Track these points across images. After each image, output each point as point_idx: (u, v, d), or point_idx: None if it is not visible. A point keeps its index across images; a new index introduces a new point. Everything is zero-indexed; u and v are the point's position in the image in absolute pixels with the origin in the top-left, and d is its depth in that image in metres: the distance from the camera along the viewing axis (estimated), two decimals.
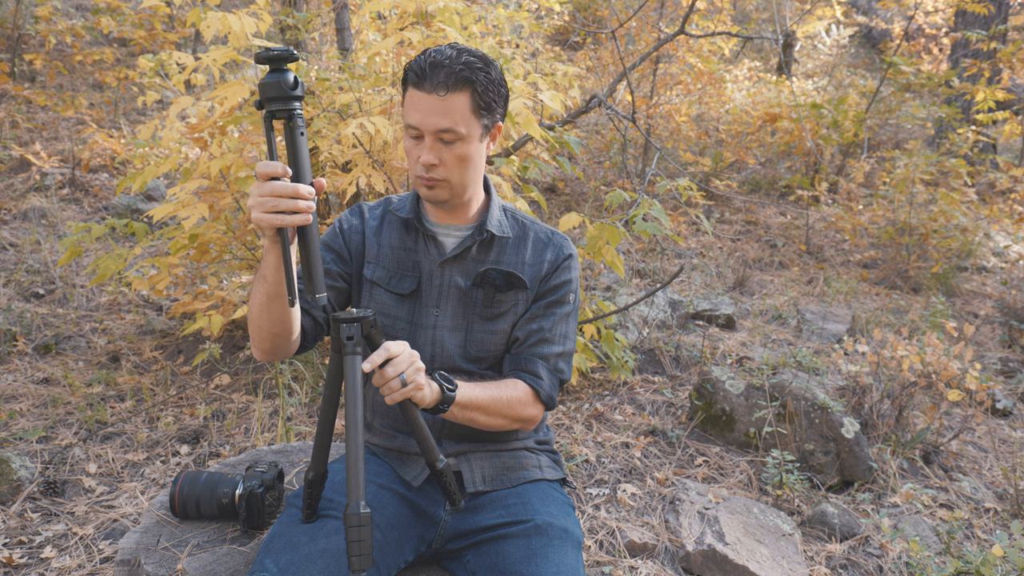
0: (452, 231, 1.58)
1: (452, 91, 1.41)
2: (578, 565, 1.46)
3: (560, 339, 1.59)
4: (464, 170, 1.49)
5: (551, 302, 1.58)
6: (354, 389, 1.23)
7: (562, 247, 1.61)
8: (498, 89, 1.48)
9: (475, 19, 3.41)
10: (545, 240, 1.61)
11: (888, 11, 11.11)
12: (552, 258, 1.59)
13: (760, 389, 2.95)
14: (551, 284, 1.58)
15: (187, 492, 1.64)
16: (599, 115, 7.23)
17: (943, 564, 2.24)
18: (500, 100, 1.50)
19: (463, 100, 1.42)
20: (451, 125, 1.42)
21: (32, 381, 3.16)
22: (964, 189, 5.99)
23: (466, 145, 1.46)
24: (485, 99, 1.45)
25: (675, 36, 4.52)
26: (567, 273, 1.60)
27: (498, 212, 1.61)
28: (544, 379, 1.55)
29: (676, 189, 3.38)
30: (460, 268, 1.56)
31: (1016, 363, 4.21)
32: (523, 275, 1.57)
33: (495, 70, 1.47)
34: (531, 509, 1.51)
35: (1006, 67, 7.43)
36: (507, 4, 6.83)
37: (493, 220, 1.58)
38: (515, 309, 1.58)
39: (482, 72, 1.43)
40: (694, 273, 5.29)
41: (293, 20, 3.74)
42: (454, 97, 1.41)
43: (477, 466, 1.59)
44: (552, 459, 1.71)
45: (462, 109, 1.42)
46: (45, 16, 6.54)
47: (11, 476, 2.44)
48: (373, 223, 1.63)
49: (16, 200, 5.03)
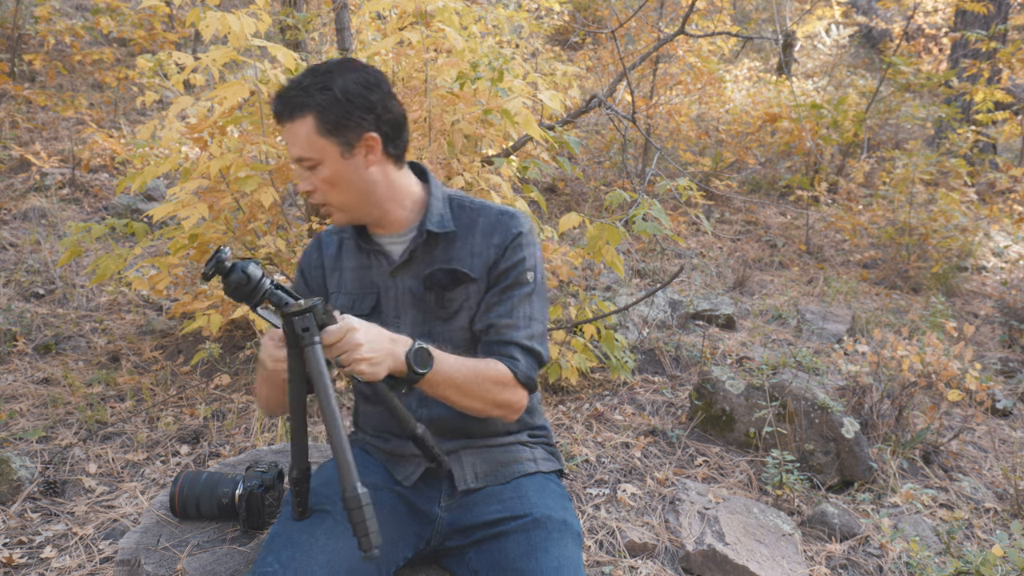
0: (396, 239, 1.55)
1: (293, 119, 1.40)
2: (578, 557, 1.46)
3: (525, 321, 1.52)
4: (341, 191, 1.45)
5: (506, 286, 1.51)
6: (322, 379, 1.22)
7: (510, 227, 1.53)
8: (348, 103, 1.41)
9: (475, 19, 3.41)
10: (494, 224, 1.54)
11: (888, 11, 11.11)
12: (500, 241, 1.52)
13: (760, 389, 2.95)
14: (502, 268, 1.51)
15: (187, 492, 1.64)
16: (599, 115, 7.23)
17: (943, 564, 2.24)
18: (356, 112, 1.42)
19: (306, 125, 1.40)
20: (301, 152, 1.41)
21: (32, 381, 3.15)
22: (964, 189, 5.99)
23: (327, 168, 1.42)
24: (330, 118, 1.40)
25: (675, 36, 4.52)
26: (519, 252, 1.52)
27: (440, 207, 1.54)
28: (520, 360, 1.50)
29: (676, 189, 3.38)
30: (411, 273, 1.54)
31: (1016, 363, 4.21)
32: (471, 267, 1.52)
33: (345, 84, 1.41)
34: (528, 503, 1.50)
35: (1006, 67, 7.43)
36: (507, 4, 6.83)
37: (433, 217, 1.52)
38: (467, 303, 1.53)
39: (321, 92, 1.39)
40: (694, 273, 5.29)
41: (293, 20, 3.74)
42: (297, 125, 1.40)
43: (468, 463, 1.57)
44: (548, 451, 1.69)
45: (307, 134, 1.40)
46: (44, 16, 6.54)
47: (11, 476, 2.44)
48: (331, 251, 1.63)
49: (16, 200, 5.03)
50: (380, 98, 1.45)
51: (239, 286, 1.26)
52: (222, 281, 1.26)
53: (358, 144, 1.43)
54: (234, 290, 1.27)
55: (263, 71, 2.92)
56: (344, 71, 1.43)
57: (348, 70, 1.43)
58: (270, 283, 1.29)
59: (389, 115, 1.46)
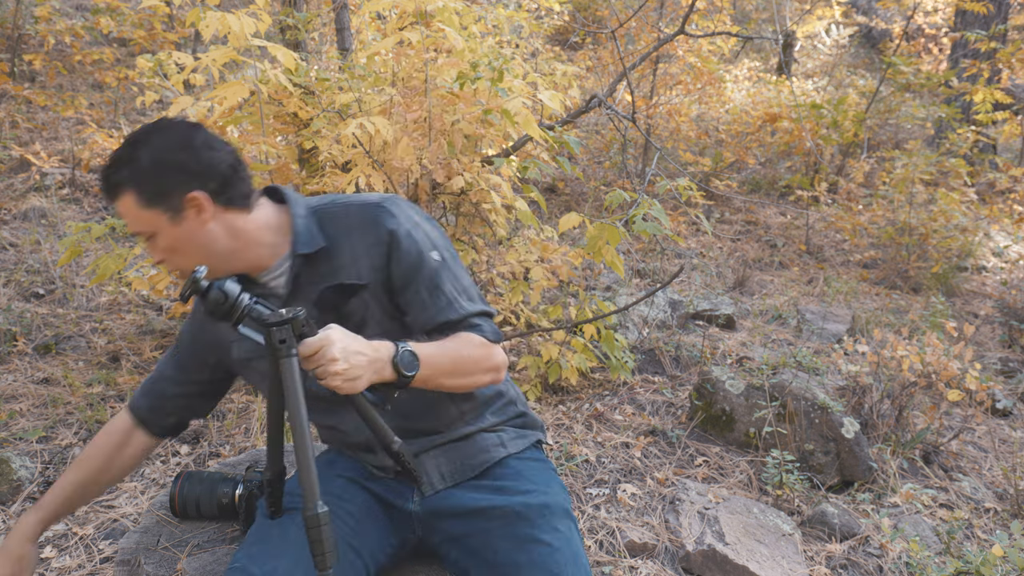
0: (273, 274, 1.48)
1: (114, 200, 1.38)
2: (571, 535, 1.45)
3: (459, 292, 1.48)
4: (187, 256, 1.41)
5: (423, 282, 1.45)
6: (295, 393, 1.21)
7: (379, 223, 1.44)
8: (161, 170, 1.36)
9: (475, 19, 3.41)
10: (363, 223, 1.45)
11: (888, 11, 11.11)
12: (375, 241, 1.43)
13: (760, 389, 2.95)
14: (403, 268, 1.44)
15: (187, 492, 1.64)
16: (599, 115, 7.22)
17: (943, 564, 2.24)
18: (171, 177, 1.37)
19: (127, 202, 1.37)
20: (133, 228, 1.39)
21: (32, 381, 3.15)
22: (964, 189, 5.99)
23: (162, 237, 1.39)
24: (147, 190, 1.36)
25: (675, 36, 4.52)
26: (405, 244, 1.44)
27: (305, 225, 1.46)
28: (480, 324, 1.47)
29: (676, 189, 3.38)
30: (303, 299, 1.46)
31: (1016, 363, 4.21)
32: (357, 275, 1.44)
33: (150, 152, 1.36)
34: (504, 494, 1.49)
35: (1005, 67, 7.43)
36: (507, 4, 6.83)
37: (301, 238, 1.45)
38: (369, 311, 1.46)
39: (128, 167, 1.36)
40: (694, 273, 5.29)
41: (293, 20, 3.74)
42: (120, 204, 1.38)
43: (432, 465, 1.53)
44: (517, 429, 1.63)
45: (132, 211, 1.37)
46: (44, 16, 6.54)
47: (11, 476, 2.44)
48: None
49: (16, 200, 5.03)
50: (193, 155, 1.38)
51: (217, 305, 1.25)
52: (201, 302, 1.24)
53: (184, 207, 1.37)
54: (213, 309, 1.25)
55: (263, 71, 2.91)
56: (150, 137, 1.38)
57: (155, 135, 1.39)
58: (249, 298, 1.27)
59: (210, 168, 1.39)
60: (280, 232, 1.47)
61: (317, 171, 3.26)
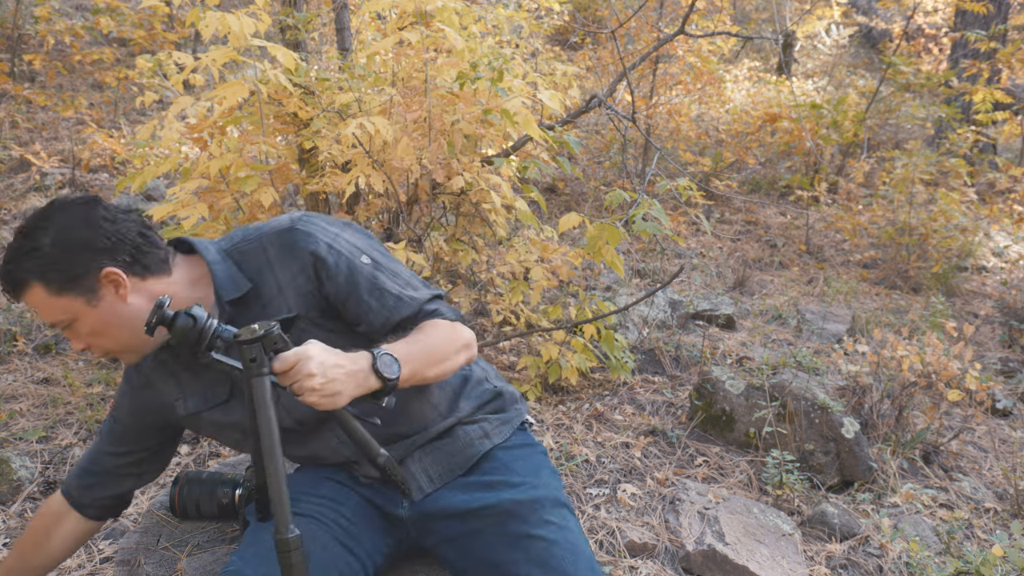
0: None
1: (22, 295, 1.32)
2: (567, 525, 1.43)
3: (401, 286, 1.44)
4: (110, 336, 1.36)
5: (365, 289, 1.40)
6: (266, 412, 1.18)
7: (296, 246, 1.39)
8: (67, 255, 1.30)
9: (475, 19, 3.41)
10: (280, 250, 1.40)
11: (888, 11, 11.11)
12: (299, 268, 1.39)
13: (760, 389, 2.95)
14: (339, 284, 1.39)
15: (187, 492, 1.64)
16: (599, 115, 7.22)
17: (943, 564, 2.24)
18: (80, 259, 1.30)
19: (37, 294, 1.31)
20: (50, 320, 1.33)
21: (32, 381, 3.15)
22: (964, 189, 5.99)
23: (83, 323, 1.33)
24: (55, 278, 1.29)
25: (675, 36, 4.52)
26: (331, 260, 1.39)
27: (223, 271, 1.40)
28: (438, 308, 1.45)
29: (676, 189, 3.38)
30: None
31: (1016, 363, 4.21)
32: (286, 307, 1.39)
33: (51, 237, 1.29)
34: (493, 490, 1.46)
35: (1005, 67, 7.43)
36: (507, 4, 6.83)
37: (224, 285, 1.38)
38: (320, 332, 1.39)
39: (29, 258, 1.29)
40: (694, 273, 5.29)
41: (293, 20, 3.74)
42: (29, 298, 1.32)
43: (419, 468, 1.50)
44: (497, 415, 1.58)
45: (44, 302, 1.31)
46: (44, 16, 6.54)
47: (11, 476, 2.44)
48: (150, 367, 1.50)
49: (16, 200, 5.03)
50: (98, 231, 1.33)
51: (186, 332, 1.19)
52: (168, 331, 1.20)
53: (100, 286, 1.32)
54: (182, 337, 1.20)
55: (263, 71, 2.91)
56: (48, 222, 1.31)
57: (52, 217, 1.32)
58: (216, 322, 1.22)
59: (119, 241, 1.34)
60: (202, 284, 1.42)
61: (317, 171, 3.26)
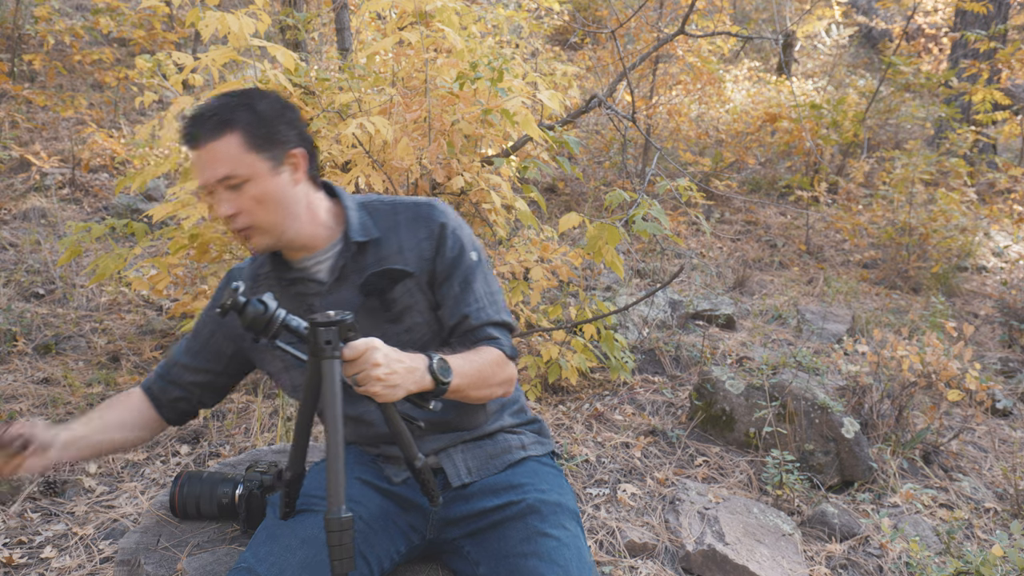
0: (319, 258, 1.52)
1: (217, 138, 1.37)
2: (578, 533, 1.48)
3: (488, 298, 1.54)
4: (269, 210, 1.42)
5: (458, 277, 1.52)
6: (333, 394, 1.22)
7: (432, 218, 1.52)
8: (274, 120, 1.41)
9: (474, 19, 3.41)
10: (414, 217, 1.53)
11: (888, 11, 11.11)
12: (428, 234, 1.51)
13: (760, 389, 2.95)
14: (447, 261, 1.51)
15: (187, 492, 1.64)
16: (599, 115, 7.22)
17: (943, 564, 2.24)
18: (281, 129, 1.42)
19: (232, 142, 1.38)
20: (228, 171, 1.38)
21: (32, 381, 3.15)
22: (964, 189, 6.00)
23: (256, 185, 1.40)
24: (258, 134, 1.39)
25: (675, 36, 4.52)
26: (451, 239, 1.52)
27: (357, 216, 1.52)
28: (499, 337, 1.53)
29: (676, 189, 3.38)
30: (346, 287, 1.51)
31: (1016, 363, 4.21)
32: (405, 263, 1.50)
33: (265, 103, 1.42)
34: (522, 490, 1.51)
35: (1005, 67, 7.43)
36: (507, 4, 6.83)
37: (354, 228, 1.50)
38: (413, 299, 1.51)
39: (244, 110, 1.39)
40: (694, 273, 5.29)
41: (293, 20, 3.74)
42: (221, 143, 1.37)
43: (460, 459, 1.58)
44: (535, 434, 1.68)
45: (234, 151, 1.38)
46: (44, 16, 6.54)
47: None
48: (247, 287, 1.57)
49: (16, 200, 5.03)
50: (298, 117, 1.46)
51: (256, 318, 1.24)
52: (239, 316, 1.24)
53: (285, 160, 1.42)
54: (252, 322, 1.25)
55: (263, 71, 2.91)
56: (259, 94, 1.43)
57: (262, 93, 1.44)
58: (284, 312, 1.27)
59: (307, 135, 1.48)
60: (333, 220, 1.52)
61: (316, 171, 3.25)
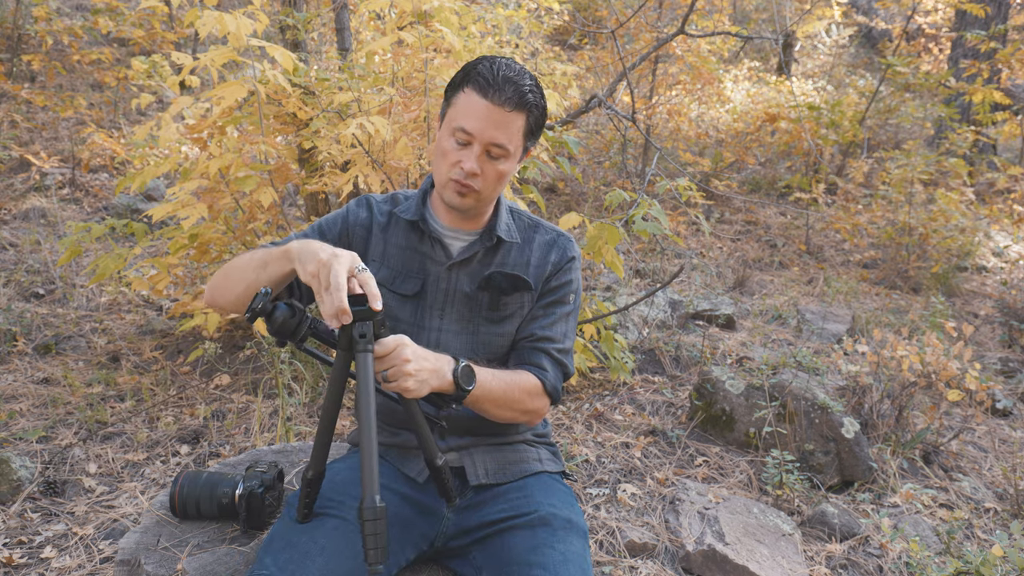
0: (460, 235, 1.60)
1: (515, 110, 1.46)
2: (584, 553, 1.48)
3: (561, 336, 1.62)
4: (499, 186, 1.53)
5: (552, 301, 1.61)
6: (367, 387, 1.24)
7: (566, 249, 1.64)
8: (544, 116, 1.54)
9: (474, 19, 3.41)
10: (551, 241, 1.64)
11: (888, 11, 11.11)
12: (556, 259, 1.62)
13: (760, 389, 2.95)
14: (552, 285, 1.61)
15: (187, 492, 1.64)
16: (599, 115, 7.22)
17: (943, 564, 2.24)
18: (541, 128, 1.56)
19: (520, 121, 1.47)
20: (505, 142, 1.47)
21: (32, 381, 3.15)
22: (963, 189, 6.00)
23: (508, 163, 1.51)
24: (536, 125, 1.51)
25: (674, 36, 4.52)
26: (569, 274, 1.63)
27: (506, 216, 1.63)
28: (549, 371, 1.58)
29: (676, 189, 3.38)
30: (466, 272, 1.58)
31: (1016, 363, 4.21)
32: (528, 276, 1.59)
33: (544, 100, 1.54)
34: (534, 501, 1.53)
35: (1005, 67, 7.43)
36: (506, 4, 6.83)
37: (502, 225, 1.60)
38: (521, 311, 1.60)
39: (540, 98, 1.50)
40: (694, 273, 5.29)
41: (292, 20, 3.74)
42: (515, 116, 1.46)
43: (479, 460, 1.61)
44: (551, 452, 1.73)
45: (517, 130, 1.48)
46: (43, 16, 6.54)
47: (11, 476, 2.44)
48: (381, 219, 1.63)
49: (16, 200, 5.02)
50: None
51: (286, 321, 1.26)
52: (267, 320, 1.26)
53: (525, 153, 1.55)
54: (280, 327, 1.26)
55: (262, 71, 2.91)
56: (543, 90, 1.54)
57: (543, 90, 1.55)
58: (311, 316, 1.30)
59: None
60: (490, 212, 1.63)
61: (316, 171, 3.26)
